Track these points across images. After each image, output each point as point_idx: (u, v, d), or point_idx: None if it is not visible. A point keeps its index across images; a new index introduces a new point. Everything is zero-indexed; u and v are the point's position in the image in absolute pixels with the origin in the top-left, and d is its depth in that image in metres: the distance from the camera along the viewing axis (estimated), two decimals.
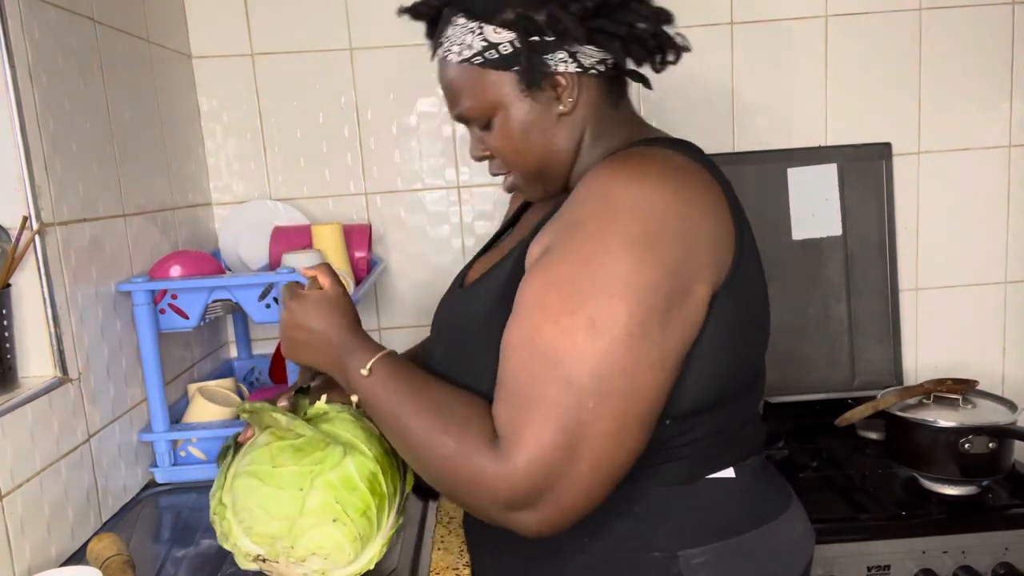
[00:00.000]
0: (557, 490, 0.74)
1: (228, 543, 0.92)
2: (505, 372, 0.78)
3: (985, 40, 1.74)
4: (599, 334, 0.72)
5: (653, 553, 0.84)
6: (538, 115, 0.86)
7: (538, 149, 0.88)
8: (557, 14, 0.81)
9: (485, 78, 0.85)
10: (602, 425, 0.73)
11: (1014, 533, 1.32)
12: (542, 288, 0.77)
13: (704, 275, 0.78)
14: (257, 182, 1.74)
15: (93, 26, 1.24)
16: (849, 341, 1.79)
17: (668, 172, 0.79)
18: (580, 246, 0.76)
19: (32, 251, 1.04)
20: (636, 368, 0.73)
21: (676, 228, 0.76)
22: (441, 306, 1.02)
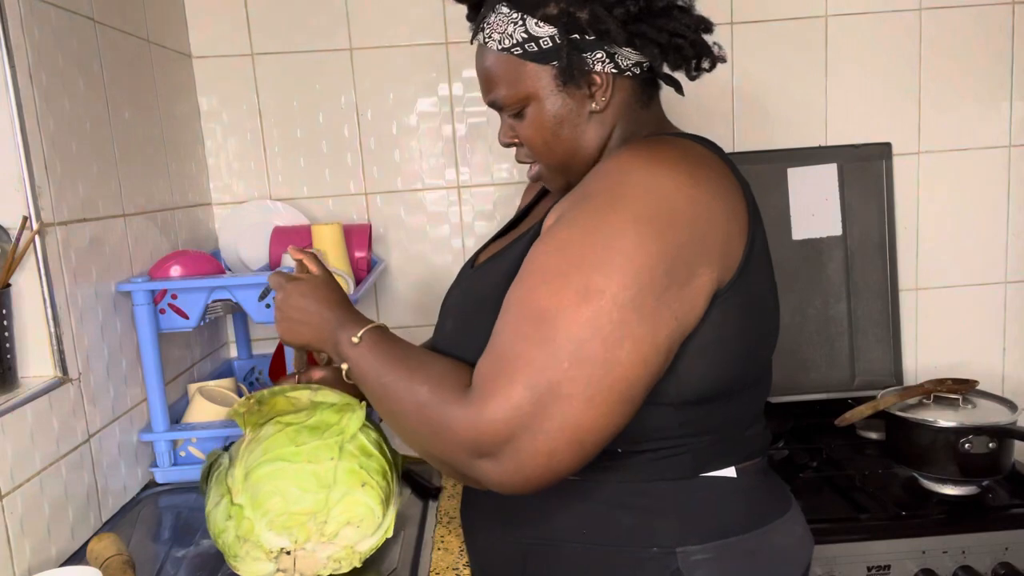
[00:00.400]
0: (520, 442, 0.74)
1: (242, 549, 0.92)
2: (498, 328, 0.80)
3: (985, 40, 1.74)
4: (588, 300, 0.74)
5: (652, 548, 0.84)
6: (571, 111, 0.88)
7: (567, 143, 0.90)
8: (600, 15, 0.82)
9: (523, 69, 0.87)
10: (574, 388, 0.73)
11: (1014, 533, 1.32)
12: (544, 252, 0.79)
13: (710, 263, 0.78)
14: (257, 182, 1.74)
15: (93, 26, 1.24)
16: (849, 341, 1.79)
17: (685, 160, 0.81)
18: (588, 217, 0.78)
19: (32, 251, 1.04)
20: (618, 339, 0.74)
21: (685, 213, 0.77)
22: (452, 288, 1.04)
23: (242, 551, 0.93)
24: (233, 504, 0.94)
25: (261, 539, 0.92)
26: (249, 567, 0.94)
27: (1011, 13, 1.73)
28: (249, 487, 0.93)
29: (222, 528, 0.94)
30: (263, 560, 0.93)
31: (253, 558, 0.93)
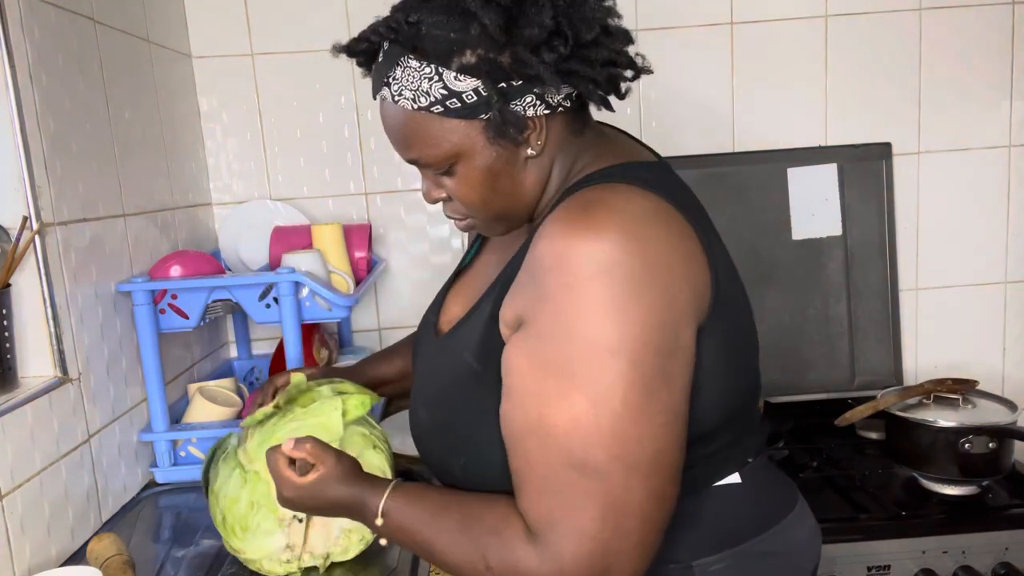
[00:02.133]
0: (620, 565, 0.72)
1: (254, 520, 0.94)
2: (521, 463, 0.76)
3: (985, 40, 1.74)
4: (602, 412, 0.70)
5: (669, 565, 0.83)
6: (506, 161, 0.81)
7: (505, 195, 0.83)
8: (525, 59, 0.75)
9: (445, 126, 0.78)
10: (635, 497, 0.72)
11: (1014, 533, 1.32)
12: (531, 369, 0.74)
13: (687, 317, 0.75)
14: (257, 182, 1.74)
15: (93, 26, 1.24)
16: (849, 341, 1.79)
17: (627, 221, 0.74)
18: (554, 320, 0.72)
19: (32, 251, 1.04)
20: (649, 432, 0.72)
21: (646, 280, 0.72)
22: (419, 350, 1.00)
23: (253, 521, 0.94)
24: (246, 472, 0.95)
25: (276, 502, 0.92)
26: (259, 543, 0.95)
27: (1011, 13, 1.73)
28: (261, 457, 0.95)
29: (234, 498, 0.95)
30: (274, 532, 0.94)
31: (264, 531, 0.94)
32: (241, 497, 0.95)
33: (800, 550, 0.92)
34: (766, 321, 1.74)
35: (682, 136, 1.73)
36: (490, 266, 0.95)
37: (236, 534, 0.96)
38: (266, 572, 0.98)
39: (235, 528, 0.96)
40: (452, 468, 0.87)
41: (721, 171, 1.73)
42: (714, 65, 1.73)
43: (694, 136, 1.74)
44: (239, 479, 0.96)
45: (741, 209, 1.73)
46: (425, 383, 0.94)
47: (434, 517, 0.81)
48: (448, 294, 1.01)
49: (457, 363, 0.86)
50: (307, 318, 1.31)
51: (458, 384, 0.85)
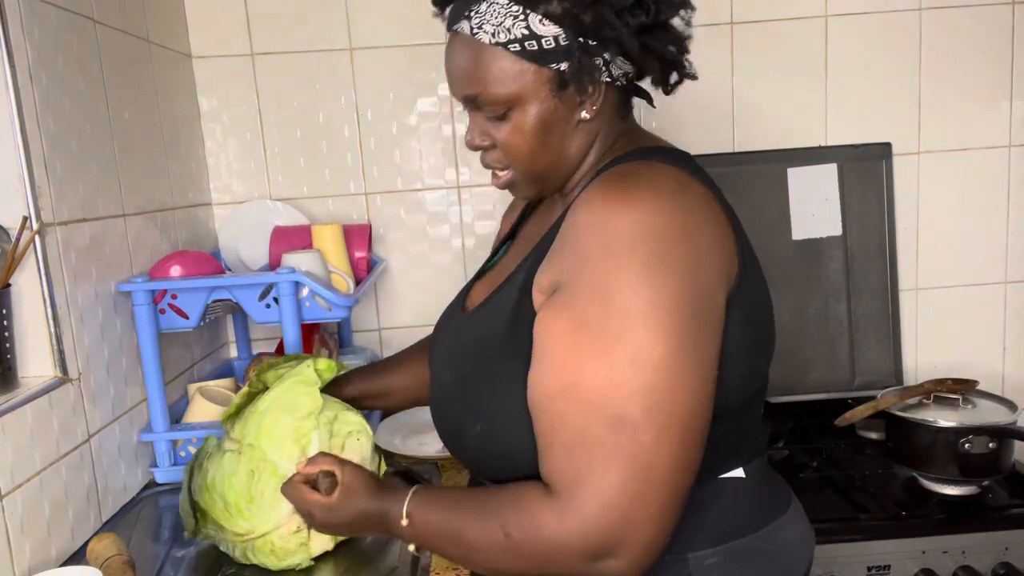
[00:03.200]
0: (639, 529, 0.73)
1: (256, 488, 0.96)
2: (550, 422, 0.76)
3: (985, 40, 1.74)
4: (640, 368, 0.71)
5: (665, 556, 0.83)
6: (560, 118, 0.83)
7: (551, 151, 0.85)
8: (610, 20, 0.78)
9: (516, 67, 0.80)
10: (666, 456, 0.72)
11: (1014, 533, 1.32)
12: (568, 331, 0.75)
13: (718, 282, 0.77)
14: (257, 182, 1.74)
15: (93, 26, 1.24)
16: (849, 341, 1.79)
17: (663, 190, 0.77)
18: (595, 282, 0.74)
19: (32, 251, 1.04)
20: (684, 391, 0.72)
21: (682, 245, 0.74)
22: (442, 330, 1.01)
23: (256, 489, 0.95)
24: (239, 449, 0.97)
25: (272, 460, 0.95)
26: (266, 512, 0.95)
27: (1011, 13, 1.73)
28: (249, 431, 0.97)
29: (231, 473, 0.96)
30: (280, 498, 0.95)
31: (270, 498, 0.95)
32: (238, 470, 0.96)
33: (792, 552, 0.92)
34: None
35: (682, 136, 1.73)
36: (517, 260, 0.95)
37: (242, 511, 0.96)
38: (278, 551, 0.97)
39: (239, 505, 0.96)
40: (467, 435, 0.86)
41: (721, 171, 1.69)
42: (714, 65, 1.73)
43: (694, 136, 1.74)
44: (232, 459, 0.98)
45: (741, 209, 1.69)
46: (450, 351, 0.95)
47: (454, 508, 0.83)
48: (472, 288, 1.02)
49: (485, 330, 0.87)
50: (307, 318, 1.31)
51: (484, 351, 0.86)
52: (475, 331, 0.90)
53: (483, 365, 0.86)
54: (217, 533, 1.01)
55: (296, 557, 0.98)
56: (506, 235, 1.08)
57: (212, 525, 1.01)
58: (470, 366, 0.88)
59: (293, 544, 0.98)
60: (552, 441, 0.76)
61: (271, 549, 0.98)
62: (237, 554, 1.00)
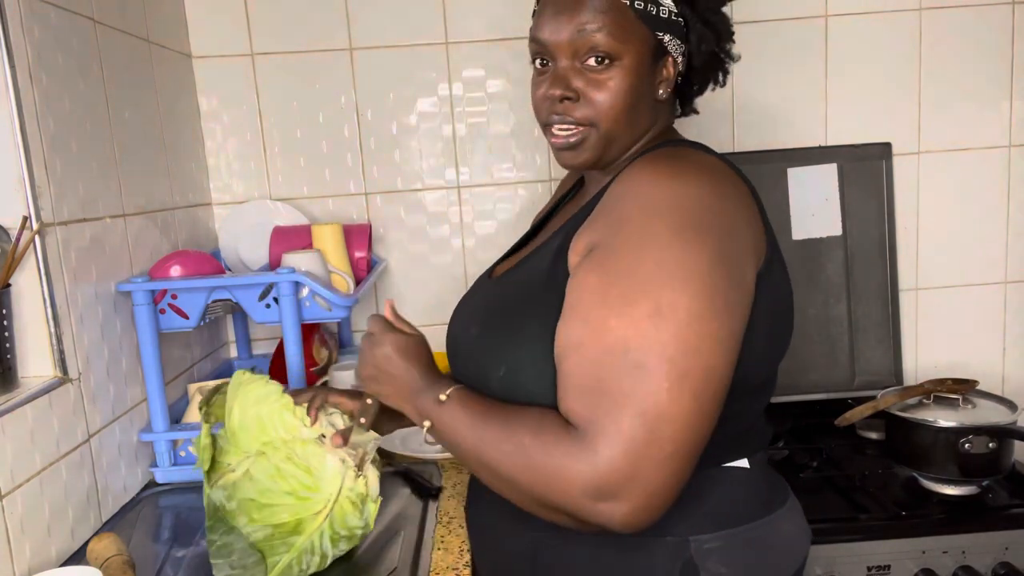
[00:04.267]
0: (644, 476, 0.74)
1: (295, 454, 0.97)
2: (573, 368, 0.78)
3: (985, 40, 1.74)
4: (665, 319, 0.74)
5: (666, 537, 0.85)
6: (647, 86, 0.88)
7: (630, 116, 0.88)
8: (716, 9, 0.86)
9: (632, 25, 0.84)
10: (680, 407, 0.73)
11: (1014, 533, 1.32)
12: (600, 283, 0.78)
13: (750, 260, 0.81)
14: (257, 182, 1.74)
15: (93, 26, 1.24)
16: (849, 341, 1.79)
17: (703, 170, 0.83)
18: (630, 240, 0.77)
19: (32, 251, 1.04)
20: (706, 347, 0.74)
21: (718, 217, 0.79)
22: (469, 296, 1.03)
23: (301, 466, 0.96)
24: (247, 469, 0.97)
25: (287, 437, 0.96)
26: (327, 476, 0.96)
27: (1011, 13, 1.73)
28: (243, 447, 0.99)
29: (261, 489, 0.96)
30: (327, 460, 0.96)
31: (319, 463, 0.96)
32: (267, 477, 0.96)
33: (790, 541, 0.93)
34: None
35: (682, 135, 1.73)
36: (547, 235, 0.98)
37: (306, 487, 0.96)
38: (352, 511, 0.97)
39: (299, 487, 0.95)
40: (490, 378, 0.88)
41: None
42: None
43: (694, 136, 1.72)
44: (247, 482, 0.97)
45: None
46: (478, 309, 0.97)
47: (489, 411, 0.84)
48: (503, 261, 1.05)
49: (517, 289, 0.91)
50: (307, 318, 1.31)
51: (514, 306, 0.89)
52: (507, 290, 0.93)
53: (512, 318, 0.88)
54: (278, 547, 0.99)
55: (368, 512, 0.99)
56: (536, 224, 1.11)
57: (274, 542, 0.99)
58: (499, 318, 0.90)
59: (340, 466, 0.97)
60: (573, 383, 0.77)
61: (344, 517, 0.97)
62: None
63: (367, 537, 1.07)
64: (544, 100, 0.89)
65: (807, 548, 0.96)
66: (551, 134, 0.90)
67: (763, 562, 0.89)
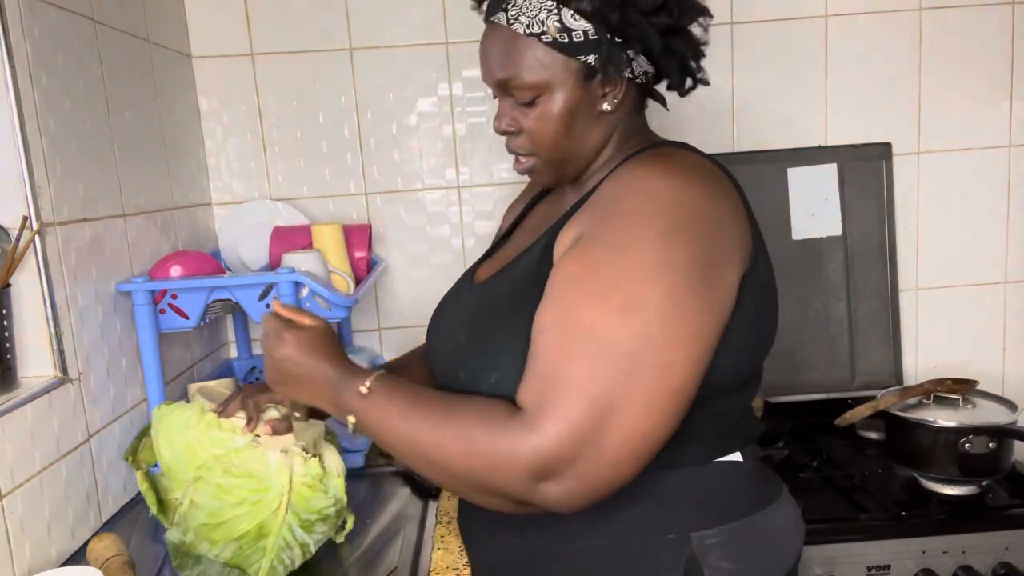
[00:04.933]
0: (585, 460, 0.74)
1: (232, 463, 0.96)
2: (537, 351, 0.79)
3: (985, 40, 1.74)
4: (632, 313, 0.75)
5: (668, 535, 0.86)
6: (584, 108, 0.89)
7: (573, 139, 0.90)
8: (637, 20, 0.84)
9: (548, 57, 0.86)
10: (632, 399, 0.74)
11: (1014, 533, 1.32)
12: (578, 272, 0.79)
13: (732, 260, 0.81)
14: (257, 182, 1.74)
15: (93, 26, 1.24)
16: (849, 341, 1.78)
17: (692, 170, 0.84)
18: (615, 234, 0.79)
19: (32, 251, 1.04)
20: (668, 345, 0.75)
21: (705, 218, 0.80)
22: (449, 302, 1.03)
23: (242, 470, 0.95)
24: (191, 496, 0.96)
25: (221, 452, 0.96)
26: (272, 472, 0.95)
27: (1011, 13, 1.73)
28: (180, 478, 0.98)
29: (211, 510, 0.95)
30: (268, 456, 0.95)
31: (263, 460, 0.95)
32: (212, 497, 0.95)
33: (787, 533, 0.95)
34: None
35: (682, 136, 1.72)
36: (526, 238, 0.98)
37: (254, 491, 0.95)
38: (314, 498, 0.97)
39: (247, 494, 0.95)
40: (480, 385, 0.88)
41: None
42: (714, 65, 1.72)
43: (694, 136, 1.72)
44: (193, 509, 0.96)
45: None
46: (466, 314, 0.97)
47: (419, 398, 0.84)
48: (481, 265, 1.05)
49: (506, 291, 0.91)
50: None
51: (504, 308, 0.89)
52: (493, 293, 0.93)
53: (500, 322, 0.88)
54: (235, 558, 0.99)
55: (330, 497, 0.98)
56: (510, 225, 1.11)
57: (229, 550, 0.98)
58: (488, 324, 0.90)
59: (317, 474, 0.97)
60: (533, 365, 0.79)
61: (306, 502, 0.96)
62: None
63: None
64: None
65: (801, 539, 0.98)
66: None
67: (764, 555, 0.90)
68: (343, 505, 1.01)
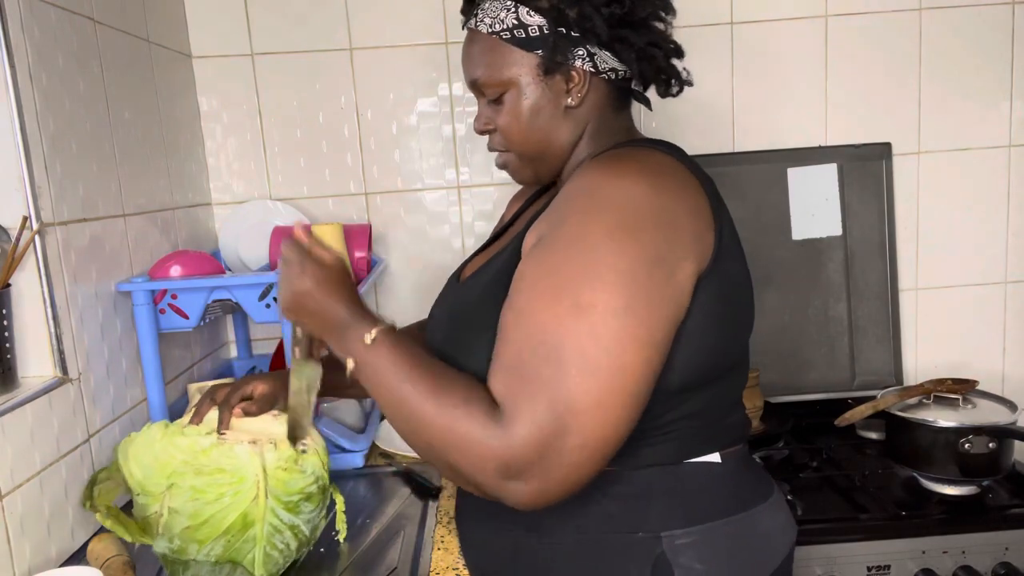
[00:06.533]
0: (548, 463, 0.76)
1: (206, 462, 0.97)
2: (502, 348, 0.81)
3: (985, 40, 1.74)
4: (583, 315, 0.76)
5: (638, 533, 0.86)
6: (547, 102, 0.92)
7: (540, 134, 0.93)
8: (588, 13, 0.87)
9: (508, 54, 0.91)
10: (589, 400, 0.75)
11: (1014, 533, 1.32)
12: (534, 275, 0.81)
13: (686, 257, 0.81)
14: (257, 182, 1.74)
15: (93, 26, 1.24)
16: (849, 341, 1.79)
17: (647, 168, 0.85)
18: (565, 236, 0.81)
19: (32, 251, 1.04)
20: (620, 345, 0.76)
21: (655, 217, 0.80)
22: (438, 301, 1.05)
23: (216, 465, 0.96)
24: (173, 507, 0.96)
25: (196, 456, 0.96)
26: (240, 462, 0.96)
27: (1011, 13, 1.73)
28: (154, 491, 0.97)
29: (193, 511, 0.95)
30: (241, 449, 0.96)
31: (232, 455, 0.96)
32: (193, 501, 0.95)
33: (768, 539, 0.94)
34: (766, 321, 1.74)
35: (682, 136, 1.73)
36: (508, 237, 1.01)
37: (224, 473, 0.96)
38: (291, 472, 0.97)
39: (222, 484, 0.95)
40: None
41: (721, 171, 1.71)
42: (714, 65, 1.73)
43: (694, 136, 1.74)
44: (175, 516, 0.96)
45: (741, 209, 1.72)
46: (443, 317, 1.00)
47: (415, 363, 0.83)
48: (471, 261, 1.07)
49: (477, 292, 0.93)
50: None
51: (474, 309, 0.91)
52: (468, 294, 0.96)
53: (476, 320, 0.89)
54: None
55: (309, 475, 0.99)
56: (507, 222, 1.13)
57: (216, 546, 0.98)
58: (461, 323, 0.93)
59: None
60: (499, 363, 0.81)
61: (285, 484, 0.96)
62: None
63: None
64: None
65: (790, 544, 0.97)
66: None
67: (739, 557, 0.89)
68: (325, 482, 1.01)
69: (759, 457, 1.55)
